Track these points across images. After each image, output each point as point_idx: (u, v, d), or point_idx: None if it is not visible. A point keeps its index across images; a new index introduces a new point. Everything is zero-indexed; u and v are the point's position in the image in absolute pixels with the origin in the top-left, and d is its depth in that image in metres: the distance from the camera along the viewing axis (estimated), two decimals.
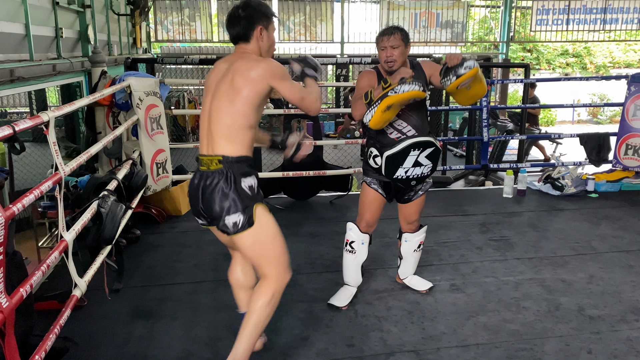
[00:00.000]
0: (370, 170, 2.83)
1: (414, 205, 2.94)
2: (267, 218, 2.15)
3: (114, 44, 7.61)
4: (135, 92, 3.91)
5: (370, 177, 2.86)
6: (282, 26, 12.17)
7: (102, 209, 2.69)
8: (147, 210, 4.28)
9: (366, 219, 2.89)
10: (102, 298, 2.85)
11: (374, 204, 2.87)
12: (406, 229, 3.04)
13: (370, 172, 2.84)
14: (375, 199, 2.86)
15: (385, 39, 2.68)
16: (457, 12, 12.91)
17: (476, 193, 5.37)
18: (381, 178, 2.80)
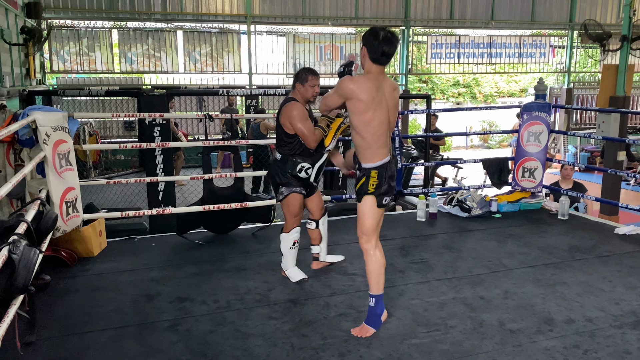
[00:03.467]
0: (294, 181, 3.52)
1: (318, 194, 3.80)
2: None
3: (5, 75, 7.08)
4: (41, 127, 3.66)
5: (296, 187, 3.55)
6: (187, 57, 12.03)
7: (14, 255, 2.46)
8: (56, 253, 3.97)
9: (299, 216, 3.64)
10: (13, 353, 2.58)
11: (302, 203, 3.63)
12: (320, 214, 3.81)
13: (294, 182, 3.53)
14: (302, 200, 3.62)
15: (316, 78, 3.51)
16: (359, 46, 13.50)
17: (391, 218, 5.57)
18: (304, 183, 3.56)
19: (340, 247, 4.43)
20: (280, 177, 3.54)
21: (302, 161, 3.50)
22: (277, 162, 3.56)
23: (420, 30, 14.22)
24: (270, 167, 3.67)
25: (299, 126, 3.40)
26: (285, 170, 3.51)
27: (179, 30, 12.01)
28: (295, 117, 3.41)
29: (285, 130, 3.47)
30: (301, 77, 3.49)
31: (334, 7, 12.71)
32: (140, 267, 4.03)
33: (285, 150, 3.51)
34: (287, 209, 3.61)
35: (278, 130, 3.55)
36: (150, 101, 5.72)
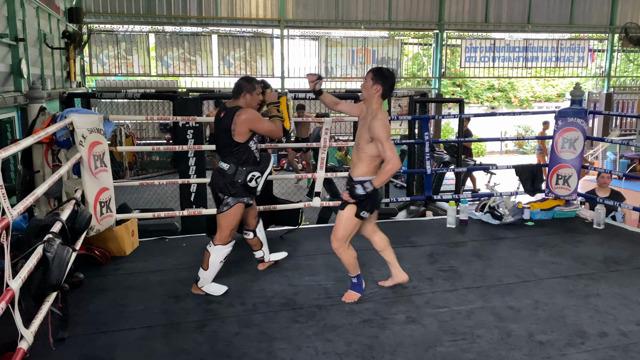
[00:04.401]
0: (242, 191, 3.47)
1: (254, 204, 3.85)
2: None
3: (47, 77, 7.33)
4: (78, 129, 3.77)
5: (243, 197, 3.51)
6: (222, 61, 12.21)
7: (49, 253, 2.54)
8: (90, 252, 4.08)
9: (236, 229, 3.58)
10: (46, 348, 2.67)
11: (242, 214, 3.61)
12: (255, 223, 3.90)
13: (242, 192, 3.48)
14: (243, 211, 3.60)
15: (260, 88, 3.58)
16: (392, 49, 13.46)
17: (420, 224, 5.52)
18: (251, 193, 3.54)
19: (368, 252, 4.41)
20: (228, 188, 3.44)
21: (252, 170, 3.46)
22: (223, 173, 3.45)
23: (454, 34, 14.06)
24: (214, 178, 3.53)
25: (265, 126, 3.48)
26: (234, 180, 3.43)
27: (214, 35, 12.21)
28: (258, 120, 3.43)
29: (235, 138, 3.39)
30: (250, 87, 3.47)
31: (367, 11, 12.70)
32: (170, 267, 4.10)
33: (232, 160, 3.44)
34: (227, 221, 3.49)
35: (224, 140, 3.45)
36: (184, 104, 5.83)
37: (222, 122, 3.45)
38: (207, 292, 3.51)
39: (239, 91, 3.47)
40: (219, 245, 3.50)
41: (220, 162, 3.49)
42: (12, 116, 5.52)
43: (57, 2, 8.42)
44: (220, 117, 3.47)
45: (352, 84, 13.09)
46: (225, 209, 3.47)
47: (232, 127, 3.36)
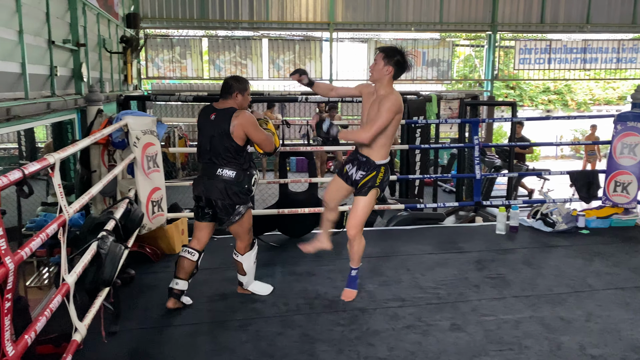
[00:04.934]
0: (247, 196, 3.30)
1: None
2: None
3: (105, 81, 7.65)
4: (132, 131, 3.91)
5: (249, 201, 3.35)
6: (271, 64, 12.38)
7: (102, 249, 2.65)
8: (142, 250, 4.23)
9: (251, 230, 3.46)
10: (98, 341, 2.78)
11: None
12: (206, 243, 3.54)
13: (247, 197, 3.30)
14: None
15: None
16: (443, 51, 13.25)
17: (469, 229, 5.41)
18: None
19: (414, 257, 4.36)
20: (238, 195, 3.22)
21: (255, 172, 3.33)
22: (226, 180, 3.20)
23: (508, 35, 13.69)
24: (210, 187, 3.23)
25: (261, 135, 3.25)
26: (242, 186, 3.23)
27: (264, 39, 12.39)
28: (255, 126, 3.21)
29: (237, 142, 3.17)
30: (243, 87, 3.28)
31: (417, 12, 12.55)
32: (217, 265, 4.19)
33: (235, 165, 3.21)
34: (244, 227, 3.36)
35: (223, 144, 3.18)
36: None
37: (215, 125, 3.19)
38: (253, 292, 3.54)
39: (229, 91, 3.25)
40: (247, 253, 3.46)
41: (221, 169, 3.20)
42: (72, 118, 5.78)
43: (116, 9, 8.78)
44: (211, 120, 3.22)
45: (402, 86, 12.99)
46: (237, 219, 3.28)
47: (230, 130, 3.14)
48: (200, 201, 3.34)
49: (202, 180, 3.29)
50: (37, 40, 4.80)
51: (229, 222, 3.28)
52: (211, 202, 3.26)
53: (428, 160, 7.56)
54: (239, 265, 3.49)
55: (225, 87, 3.26)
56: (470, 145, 5.47)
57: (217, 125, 3.17)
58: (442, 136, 13.46)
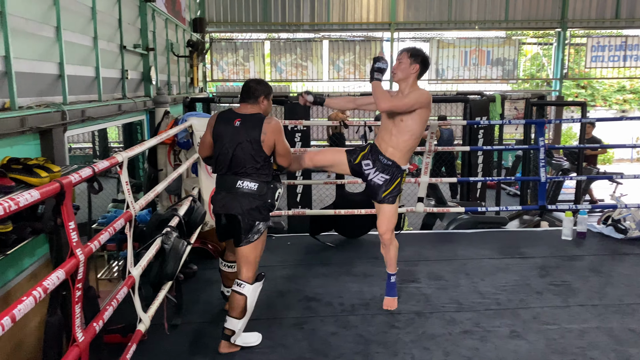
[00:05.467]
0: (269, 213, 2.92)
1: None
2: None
3: (173, 84, 7.96)
4: (196, 131, 4.06)
5: (269, 219, 2.94)
6: (332, 65, 12.44)
7: (166, 245, 2.77)
8: (204, 246, 4.38)
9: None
10: (161, 333, 2.91)
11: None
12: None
13: (269, 215, 2.93)
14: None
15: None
16: (508, 50, 12.83)
17: (533, 234, 5.21)
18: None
19: (474, 261, 4.26)
20: (260, 211, 2.83)
21: (279, 185, 2.97)
22: (247, 194, 2.80)
23: (579, 32, 13.05)
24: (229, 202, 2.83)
25: (286, 145, 2.93)
26: (264, 200, 2.84)
27: (325, 40, 12.47)
28: (283, 134, 2.91)
29: (266, 151, 2.83)
30: (268, 91, 2.96)
31: (482, 10, 12.21)
32: (275, 263, 4.27)
33: (258, 177, 2.82)
34: (257, 251, 2.88)
35: (249, 152, 2.80)
36: (293, 108, 6.05)
37: (241, 131, 2.81)
38: (243, 346, 2.91)
39: (255, 95, 2.90)
40: (255, 283, 2.89)
41: (241, 182, 2.81)
42: (142, 119, 6.07)
43: (184, 14, 9.12)
44: (235, 126, 2.83)
45: (464, 86, 12.69)
46: (255, 238, 2.83)
47: (261, 138, 2.78)
48: (220, 219, 2.95)
49: (220, 195, 2.90)
50: (110, 45, 5.07)
51: (246, 242, 2.83)
52: (232, 219, 2.85)
53: (491, 162, 7.36)
54: (236, 300, 2.84)
55: (249, 91, 2.91)
56: (535, 147, 5.27)
57: (244, 133, 2.80)
58: (507, 137, 13.03)
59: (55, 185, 1.50)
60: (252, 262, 2.87)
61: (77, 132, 4.24)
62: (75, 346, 1.61)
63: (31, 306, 1.25)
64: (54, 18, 3.60)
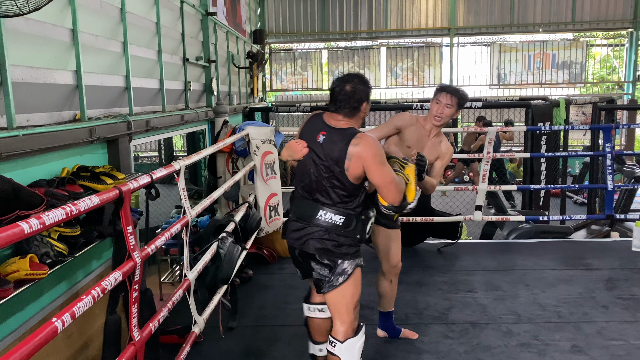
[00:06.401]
0: (357, 248, 2.33)
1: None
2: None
3: (234, 94, 8.20)
4: (252, 140, 4.17)
5: (359, 256, 2.35)
6: (389, 72, 12.40)
7: (221, 250, 2.86)
8: (260, 251, 4.48)
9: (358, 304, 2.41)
10: (216, 335, 3.00)
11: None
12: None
13: (357, 250, 2.34)
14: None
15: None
16: (575, 52, 12.32)
17: (600, 245, 4.96)
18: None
19: (534, 272, 4.11)
20: (345, 248, 2.26)
21: (371, 215, 2.33)
22: (334, 230, 2.24)
23: None
24: (314, 238, 2.26)
25: (384, 175, 2.19)
26: (353, 236, 2.27)
27: (383, 47, 12.47)
28: (379, 159, 2.18)
29: (353, 181, 2.21)
30: (369, 91, 2.28)
31: (546, 12, 11.78)
32: None
33: (343, 207, 2.25)
34: (348, 297, 2.29)
35: (335, 182, 2.22)
36: None
37: (323, 150, 2.22)
38: None
39: (358, 100, 2.21)
40: (350, 340, 2.30)
41: (323, 212, 2.25)
42: (204, 128, 6.29)
43: (244, 26, 9.39)
44: (318, 142, 2.24)
45: (528, 90, 12.27)
46: (341, 280, 2.27)
47: (345, 166, 2.18)
48: (292, 254, 2.42)
49: (296, 225, 2.34)
50: (173, 58, 5.30)
51: (329, 286, 2.28)
52: (307, 257, 2.32)
53: (555, 170, 7.07)
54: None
55: (350, 95, 2.20)
56: (601, 153, 5.02)
57: (326, 152, 2.22)
58: (575, 144, 12.48)
59: (114, 191, 1.60)
60: (344, 311, 2.28)
61: (142, 142, 4.46)
62: (132, 344, 1.70)
63: (90, 304, 1.34)
64: (121, 33, 3.82)
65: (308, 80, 12.61)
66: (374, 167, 2.16)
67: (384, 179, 2.18)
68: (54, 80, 2.90)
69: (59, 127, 2.75)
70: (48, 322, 1.20)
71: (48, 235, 2.20)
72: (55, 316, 1.22)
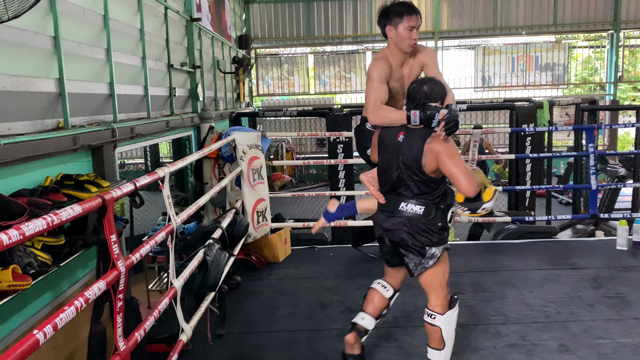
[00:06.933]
0: (443, 234, 2.54)
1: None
2: None
3: (220, 99, 8.18)
4: (239, 145, 4.17)
5: (445, 241, 2.57)
6: None
7: (208, 257, 2.85)
8: (248, 257, 4.45)
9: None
10: (204, 343, 2.98)
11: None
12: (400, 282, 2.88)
13: (444, 235, 2.55)
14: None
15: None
16: (558, 54, 12.48)
17: (585, 244, 5.01)
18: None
19: (521, 273, 4.14)
20: (429, 234, 2.49)
21: (449, 205, 2.58)
22: (412, 218, 2.49)
23: (634, 33, 12.54)
24: (401, 228, 2.52)
25: (457, 166, 2.37)
26: (435, 224, 2.49)
27: (368, 52, 12.52)
28: (452, 155, 2.39)
29: (430, 174, 2.45)
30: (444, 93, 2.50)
31: (528, 15, 11.93)
32: (318, 275, 4.29)
33: (429, 200, 2.49)
34: (439, 277, 2.57)
35: (415, 177, 2.47)
36: (335, 120, 6.10)
37: (403, 149, 2.49)
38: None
39: (434, 100, 2.43)
40: (449, 312, 2.59)
41: (405, 204, 2.51)
42: (189, 134, 6.26)
43: (229, 32, 9.37)
44: (399, 141, 2.50)
45: (512, 92, 12.41)
46: (432, 263, 2.52)
47: (422, 162, 2.42)
48: (383, 244, 2.67)
49: (380, 218, 2.62)
50: (158, 64, 5.28)
51: (421, 268, 2.54)
52: (396, 245, 2.59)
53: (540, 170, 7.14)
54: (433, 332, 2.61)
55: (423, 95, 2.42)
56: (585, 153, 5.09)
57: (406, 150, 2.47)
58: (559, 144, 12.62)
59: (97, 200, 1.58)
60: (438, 287, 2.57)
61: (127, 149, 4.43)
62: (117, 355, 1.68)
63: (73, 315, 1.32)
64: (104, 40, 3.80)
65: (295, 85, 12.62)
66: (444, 158, 2.37)
67: (456, 167, 2.36)
68: (36, 89, 2.88)
69: (42, 135, 2.72)
70: (30, 334, 1.18)
71: (31, 245, 2.17)
72: (37, 328, 1.20)
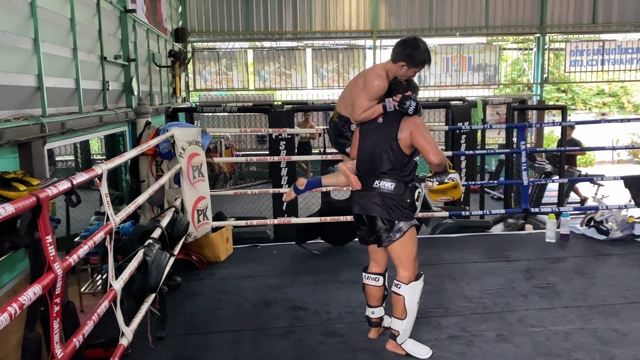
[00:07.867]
0: (412, 212, 2.81)
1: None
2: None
3: (155, 94, 7.91)
4: (178, 141, 4.03)
5: (413, 218, 2.84)
6: (315, 73, 12.48)
7: (148, 257, 2.73)
8: (188, 257, 4.34)
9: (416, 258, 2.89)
10: (145, 346, 2.87)
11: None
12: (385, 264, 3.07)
13: (412, 213, 2.82)
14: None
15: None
16: (489, 55, 12.98)
17: (517, 238, 5.25)
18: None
19: (459, 266, 4.28)
20: (399, 210, 2.75)
21: (418, 185, 2.86)
22: (384, 194, 2.76)
23: (558, 37, 13.28)
24: (366, 203, 2.81)
25: (427, 139, 2.73)
26: (404, 200, 2.76)
27: (308, 49, 12.52)
28: (422, 128, 2.75)
29: (405, 151, 2.77)
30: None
31: (462, 17, 12.35)
32: (261, 273, 4.25)
33: (395, 177, 2.78)
34: (407, 249, 2.79)
35: (389, 153, 2.77)
36: (277, 117, 6.05)
37: (382, 129, 2.79)
38: (408, 353, 2.83)
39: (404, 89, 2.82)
40: (413, 283, 2.79)
41: (378, 181, 2.78)
42: (123, 130, 6.01)
43: (165, 24, 9.08)
44: (378, 123, 2.80)
45: (447, 92, 12.81)
46: (398, 236, 2.76)
47: (398, 137, 2.74)
48: (361, 221, 2.90)
49: (357, 197, 2.88)
50: (90, 57, 5.02)
51: (388, 241, 2.78)
52: (372, 220, 2.81)
53: (474, 167, 7.41)
54: (397, 301, 2.80)
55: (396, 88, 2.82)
56: (517, 150, 5.32)
57: (384, 128, 2.78)
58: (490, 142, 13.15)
59: (31, 199, 1.47)
60: (405, 261, 2.79)
61: (58, 145, 4.18)
62: None
63: (6, 323, 1.22)
64: (31, 30, 3.56)
65: (233, 80, 12.42)
66: (417, 133, 2.70)
67: (426, 140, 2.70)
68: None
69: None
70: None
71: None
72: None
